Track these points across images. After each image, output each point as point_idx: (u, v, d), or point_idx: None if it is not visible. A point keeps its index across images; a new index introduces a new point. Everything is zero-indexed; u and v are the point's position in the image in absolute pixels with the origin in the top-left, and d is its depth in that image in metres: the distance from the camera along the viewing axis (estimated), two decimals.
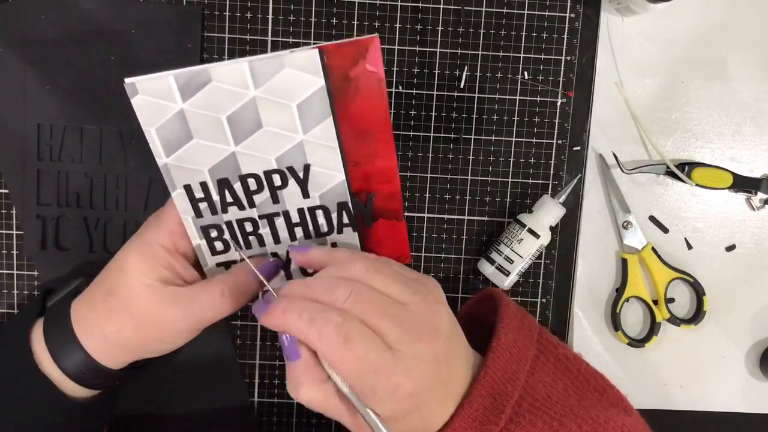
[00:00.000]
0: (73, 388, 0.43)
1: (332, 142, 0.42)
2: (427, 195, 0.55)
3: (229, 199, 0.43)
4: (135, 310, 0.42)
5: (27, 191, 0.53)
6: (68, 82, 0.52)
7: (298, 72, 0.39)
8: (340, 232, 0.46)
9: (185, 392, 0.55)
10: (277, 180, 0.43)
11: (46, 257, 0.53)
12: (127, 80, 0.38)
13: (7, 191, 0.53)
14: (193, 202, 0.43)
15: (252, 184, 0.43)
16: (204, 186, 0.42)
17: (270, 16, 0.53)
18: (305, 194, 0.44)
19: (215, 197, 0.43)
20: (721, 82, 0.56)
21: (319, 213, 0.44)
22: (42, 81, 0.52)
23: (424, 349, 0.37)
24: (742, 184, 0.56)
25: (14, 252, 0.54)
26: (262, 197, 0.43)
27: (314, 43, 0.53)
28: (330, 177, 0.43)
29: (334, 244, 0.46)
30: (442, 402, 0.39)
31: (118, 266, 0.43)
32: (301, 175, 0.43)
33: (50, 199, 0.53)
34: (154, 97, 0.39)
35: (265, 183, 0.43)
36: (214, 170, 0.42)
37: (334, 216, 0.45)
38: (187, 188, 0.42)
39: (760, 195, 0.57)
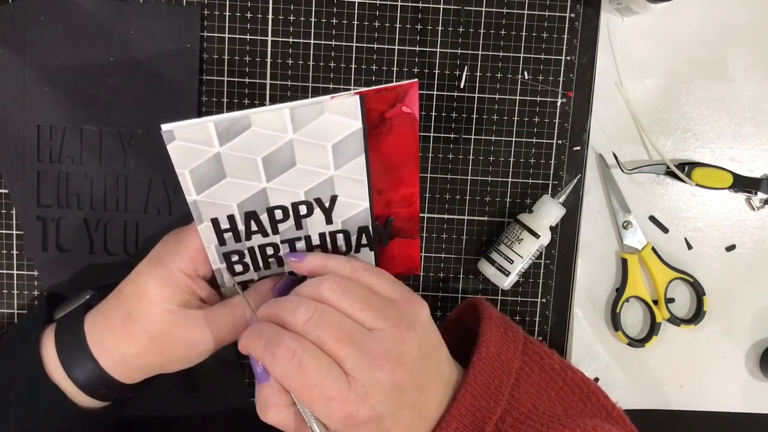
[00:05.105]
0: (84, 399, 0.43)
1: (362, 176, 0.41)
2: (427, 195, 0.55)
3: (254, 228, 0.42)
4: (157, 335, 0.42)
5: (27, 193, 0.53)
6: (68, 83, 0.52)
7: (337, 116, 0.38)
8: (357, 251, 0.46)
9: (185, 392, 0.55)
10: (303, 210, 0.42)
11: (46, 258, 0.53)
12: (164, 127, 0.36)
13: (7, 191, 0.53)
14: (219, 233, 0.42)
15: (278, 214, 0.42)
16: (231, 218, 0.42)
17: (270, 16, 0.53)
18: (329, 221, 0.43)
19: (241, 227, 0.42)
20: (721, 82, 0.56)
21: (340, 236, 0.44)
22: (42, 82, 0.52)
23: (383, 377, 0.36)
24: (742, 184, 0.56)
25: (14, 252, 0.54)
26: (287, 225, 0.43)
27: (345, 85, 0.53)
28: (355, 206, 0.43)
29: None
30: (410, 426, 0.38)
31: (137, 291, 0.42)
32: (327, 205, 0.42)
33: (50, 200, 0.53)
34: (190, 142, 0.38)
35: (291, 213, 0.42)
36: (242, 204, 0.41)
37: (354, 238, 0.45)
38: (214, 221, 0.41)
39: (760, 195, 0.57)
